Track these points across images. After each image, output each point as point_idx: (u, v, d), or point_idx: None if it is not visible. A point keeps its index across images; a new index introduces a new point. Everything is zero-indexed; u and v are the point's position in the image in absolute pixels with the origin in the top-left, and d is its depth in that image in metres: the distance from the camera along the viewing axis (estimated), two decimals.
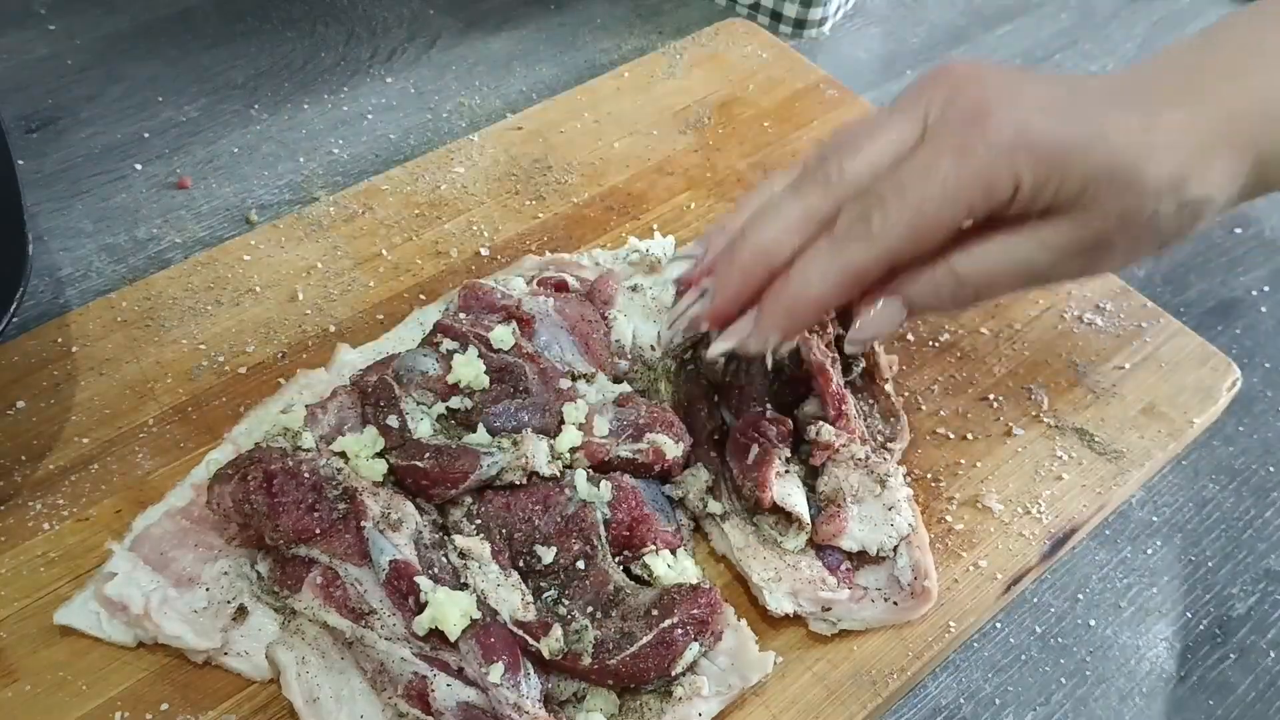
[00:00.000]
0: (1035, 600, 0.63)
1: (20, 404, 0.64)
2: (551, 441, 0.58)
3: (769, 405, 0.61)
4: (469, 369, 0.59)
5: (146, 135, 0.85)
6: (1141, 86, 0.49)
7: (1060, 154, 0.46)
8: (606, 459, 0.58)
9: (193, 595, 0.54)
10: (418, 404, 0.59)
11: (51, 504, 0.60)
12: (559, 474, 0.57)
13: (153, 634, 0.53)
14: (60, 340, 0.67)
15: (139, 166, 0.82)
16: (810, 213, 0.50)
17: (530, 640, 0.51)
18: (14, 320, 0.59)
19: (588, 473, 0.57)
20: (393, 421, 0.57)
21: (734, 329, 0.53)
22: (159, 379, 0.66)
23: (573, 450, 0.58)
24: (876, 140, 0.49)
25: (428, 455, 0.56)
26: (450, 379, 0.59)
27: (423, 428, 0.58)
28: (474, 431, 0.58)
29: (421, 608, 0.51)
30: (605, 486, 0.57)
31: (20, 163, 0.79)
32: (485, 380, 0.60)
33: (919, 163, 0.47)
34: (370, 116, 0.88)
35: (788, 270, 0.50)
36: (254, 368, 0.67)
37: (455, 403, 0.59)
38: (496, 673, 0.49)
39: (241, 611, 0.55)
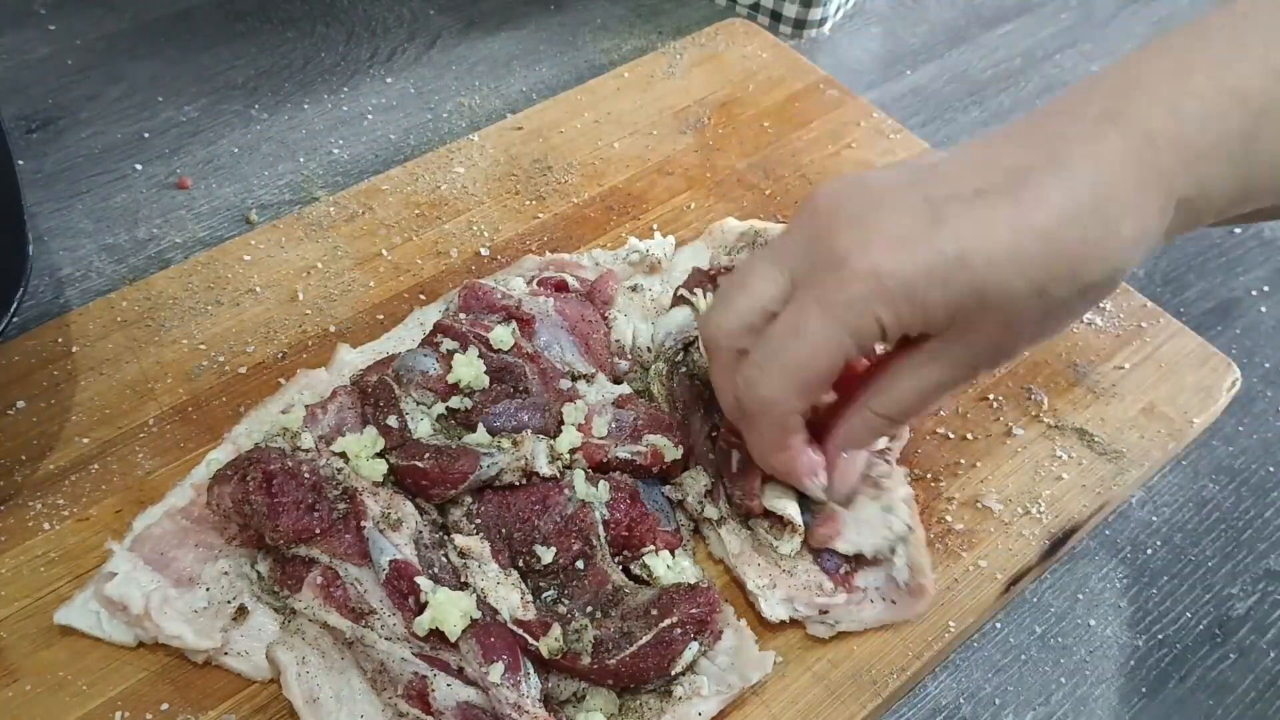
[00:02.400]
0: (1035, 600, 0.63)
1: (20, 404, 0.64)
2: (551, 442, 0.58)
3: None
4: (469, 369, 0.59)
5: (146, 135, 0.85)
6: (1021, 167, 0.45)
7: (917, 292, 0.45)
8: (605, 460, 0.58)
9: (193, 595, 0.54)
10: (418, 404, 0.59)
11: (51, 504, 0.60)
12: (558, 474, 0.57)
13: (153, 634, 0.53)
14: (60, 340, 0.67)
15: (139, 166, 0.82)
16: (721, 387, 0.54)
17: (530, 639, 0.51)
18: (14, 320, 0.59)
19: (586, 473, 0.57)
20: (393, 422, 0.58)
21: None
22: (159, 379, 0.66)
23: (572, 451, 0.58)
24: (747, 294, 0.51)
25: (427, 456, 0.56)
26: (450, 379, 0.59)
27: (422, 428, 0.58)
28: (474, 431, 0.58)
29: (422, 608, 0.51)
30: (604, 487, 0.57)
31: (20, 163, 0.79)
32: (485, 380, 0.60)
33: (787, 322, 0.49)
34: (370, 116, 0.88)
35: None
36: (254, 368, 0.67)
37: (455, 403, 0.59)
38: (496, 672, 0.49)
39: (242, 611, 0.55)
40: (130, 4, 0.95)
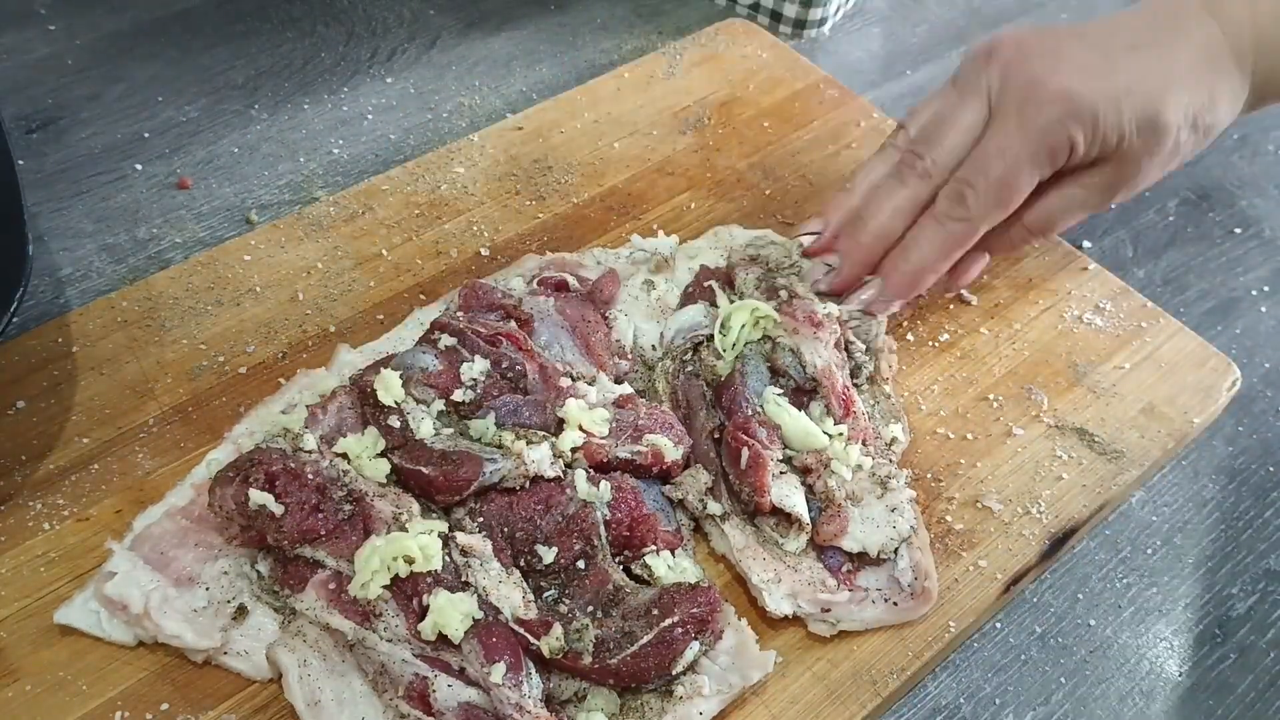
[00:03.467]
0: (1035, 600, 0.63)
1: (20, 404, 0.64)
2: (553, 440, 0.58)
3: (761, 407, 0.61)
4: (476, 367, 0.60)
5: (146, 135, 0.85)
6: (1157, 29, 0.61)
7: (1100, 113, 0.58)
8: (606, 460, 0.58)
9: (192, 595, 0.54)
10: (418, 402, 0.59)
11: (52, 504, 0.60)
12: (561, 474, 0.57)
13: (152, 633, 0.53)
14: (60, 340, 0.67)
15: (139, 166, 0.82)
16: (916, 200, 0.63)
17: (531, 639, 0.51)
18: (14, 320, 0.59)
19: (588, 473, 0.57)
20: (394, 421, 0.57)
21: (860, 294, 0.65)
22: (159, 379, 0.66)
23: (574, 450, 0.58)
24: (956, 128, 0.61)
25: (432, 463, 0.56)
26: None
27: (424, 427, 0.58)
28: (478, 419, 0.58)
29: (424, 609, 0.51)
30: (605, 487, 0.57)
31: (20, 163, 0.79)
32: (486, 365, 0.60)
33: (994, 145, 0.59)
34: (370, 116, 0.88)
35: (901, 246, 0.63)
36: (254, 368, 0.67)
37: (459, 395, 0.59)
38: (498, 673, 0.49)
39: (241, 611, 0.55)
40: (130, 4, 0.95)
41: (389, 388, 0.58)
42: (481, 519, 0.56)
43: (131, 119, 0.86)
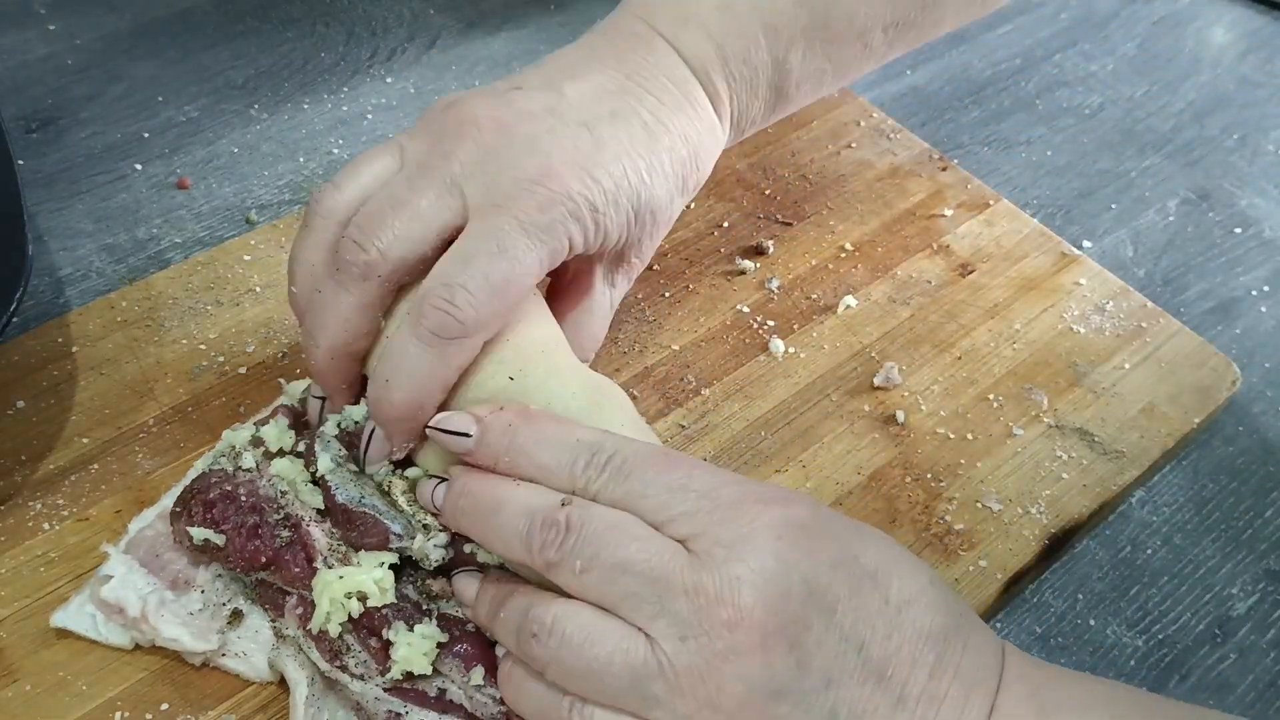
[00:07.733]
0: (1035, 600, 0.63)
1: (20, 404, 0.64)
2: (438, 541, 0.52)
3: None
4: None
5: (146, 135, 0.85)
6: (627, 79, 0.57)
7: (599, 211, 0.53)
8: None
9: (188, 598, 0.54)
10: (319, 433, 0.54)
11: (51, 504, 0.60)
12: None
13: (150, 637, 0.53)
14: (60, 340, 0.67)
15: (139, 166, 0.82)
16: (364, 305, 0.51)
17: None
18: (14, 320, 0.58)
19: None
20: (304, 449, 0.55)
21: (368, 452, 0.53)
22: (159, 379, 0.66)
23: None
24: (413, 217, 0.50)
25: (340, 525, 0.52)
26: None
27: (323, 462, 0.53)
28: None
29: (387, 645, 0.49)
30: None
31: (20, 163, 0.79)
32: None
33: (488, 243, 0.50)
34: (370, 116, 0.88)
35: (378, 376, 0.51)
36: (254, 368, 0.67)
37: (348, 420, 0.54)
38: (478, 676, 0.49)
39: (236, 615, 0.54)
40: (130, 4, 0.95)
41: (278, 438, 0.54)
42: None
43: (131, 119, 0.86)
